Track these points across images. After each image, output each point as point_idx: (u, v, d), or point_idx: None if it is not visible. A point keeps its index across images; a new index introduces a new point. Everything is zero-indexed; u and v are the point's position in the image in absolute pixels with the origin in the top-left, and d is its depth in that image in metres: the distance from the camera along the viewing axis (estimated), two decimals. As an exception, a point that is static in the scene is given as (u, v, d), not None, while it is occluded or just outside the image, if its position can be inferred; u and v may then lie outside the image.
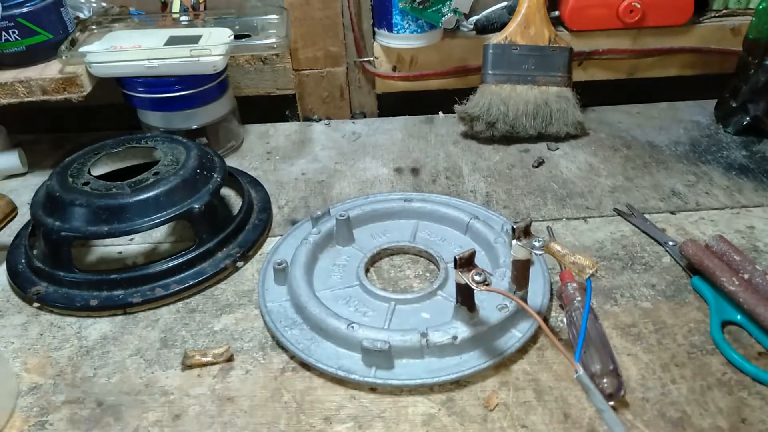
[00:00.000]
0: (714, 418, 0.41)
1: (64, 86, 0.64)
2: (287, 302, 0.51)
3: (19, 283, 0.55)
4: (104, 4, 0.77)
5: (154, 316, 0.52)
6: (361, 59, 0.80)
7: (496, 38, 0.72)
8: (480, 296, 0.46)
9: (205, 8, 0.77)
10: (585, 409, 0.42)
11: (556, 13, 0.78)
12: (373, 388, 0.44)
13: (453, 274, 0.50)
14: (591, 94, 0.76)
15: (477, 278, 0.41)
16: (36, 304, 0.53)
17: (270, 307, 0.51)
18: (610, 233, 0.58)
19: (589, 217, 0.61)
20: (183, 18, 0.75)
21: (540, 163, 0.70)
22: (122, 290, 0.53)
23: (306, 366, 0.46)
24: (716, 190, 0.64)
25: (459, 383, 0.44)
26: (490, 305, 0.47)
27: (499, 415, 0.42)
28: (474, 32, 0.79)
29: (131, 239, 0.61)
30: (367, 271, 0.54)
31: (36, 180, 0.71)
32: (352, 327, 0.46)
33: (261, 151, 0.75)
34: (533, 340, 0.47)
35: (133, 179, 0.55)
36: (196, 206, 0.55)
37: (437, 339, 0.45)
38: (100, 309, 0.52)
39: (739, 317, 0.47)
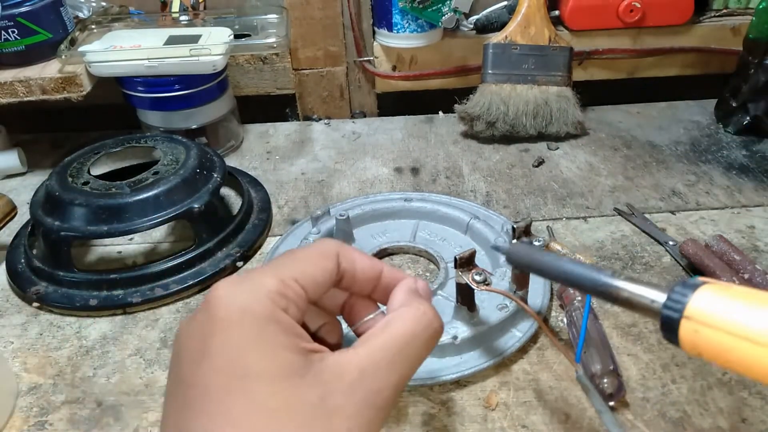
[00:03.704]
0: (714, 418, 0.41)
1: (63, 86, 0.64)
2: (287, 302, 0.51)
3: (18, 282, 0.55)
4: (104, 4, 0.76)
5: (154, 316, 0.52)
6: (361, 59, 0.80)
7: (496, 38, 0.72)
8: (480, 296, 0.46)
9: (204, 8, 0.77)
10: (585, 409, 0.42)
11: (556, 12, 0.78)
12: (373, 388, 0.44)
13: (453, 274, 0.50)
14: (591, 94, 0.76)
15: (477, 278, 0.41)
16: (35, 304, 0.53)
17: (270, 307, 0.51)
18: (611, 233, 0.58)
19: (590, 217, 0.61)
20: (183, 17, 0.75)
21: (540, 162, 0.70)
22: (122, 290, 0.53)
23: (306, 366, 0.46)
24: (716, 190, 0.64)
25: (459, 383, 0.44)
26: (490, 305, 0.47)
27: (499, 415, 0.42)
28: (474, 32, 0.79)
29: (131, 239, 0.61)
30: (367, 270, 0.54)
31: (35, 179, 0.71)
32: (352, 327, 0.46)
33: (261, 151, 0.75)
34: (533, 340, 0.47)
35: (133, 179, 0.55)
36: (196, 206, 0.55)
37: (437, 339, 0.45)
38: (99, 309, 0.52)
39: (739, 317, 0.47)
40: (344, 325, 0.35)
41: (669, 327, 0.25)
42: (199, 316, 0.28)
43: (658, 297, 0.26)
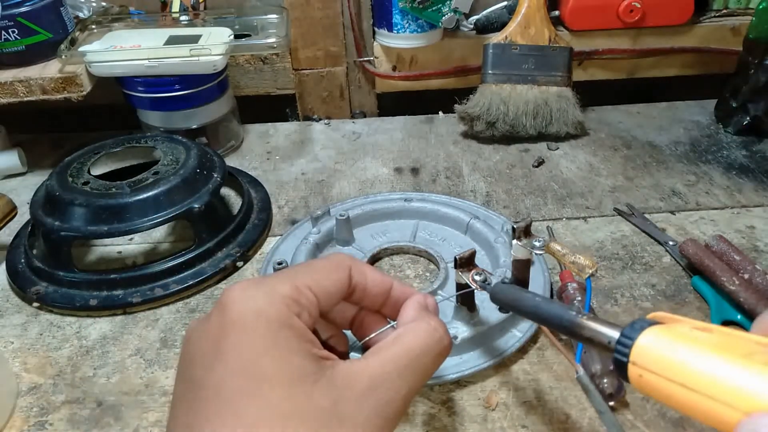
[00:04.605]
0: (714, 418, 0.41)
1: (63, 86, 0.64)
2: (287, 302, 0.51)
3: (18, 282, 0.55)
4: (104, 4, 0.76)
5: (154, 316, 0.52)
6: (361, 59, 0.80)
7: (496, 38, 0.72)
8: (480, 296, 0.46)
9: (205, 8, 0.77)
10: (585, 409, 0.42)
11: (556, 12, 0.78)
12: (373, 388, 0.44)
13: (453, 274, 0.50)
14: (591, 94, 0.76)
15: (477, 278, 0.41)
16: (36, 304, 0.53)
17: (270, 307, 0.51)
18: (610, 233, 0.58)
19: (589, 217, 0.61)
20: (183, 18, 0.75)
21: (540, 162, 0.70)
22: (122, 290, 0.53)
23: (306, 366, 0.46)
24: (716, 190, 0.64)
25: (459, 383, 0.44)
26: (490, 305, 0.47)
27: (499, 415, 0.42)
28: (474, 32, 0.79)
29: (131, 239, 0.61)
30: (367, 270, 0.54)
31: (35, 179, 0.71)
32: (352, 327, 0.46)
33: (261, 151, 0.75)
34: (533, 340, 0.47)
35: (133, 179, 0.55)
36: (196, 206, 0.55)
37: (437, 339, 0.45)
38: (99, 309, 0.52)
39: (739, 317, 0.47)
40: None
41: (620, 369, 0.25)
42: (213, 318, 0.29)
43: (614, 337, 0.26)
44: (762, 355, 0.21)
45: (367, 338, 0.34)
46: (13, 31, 0.63)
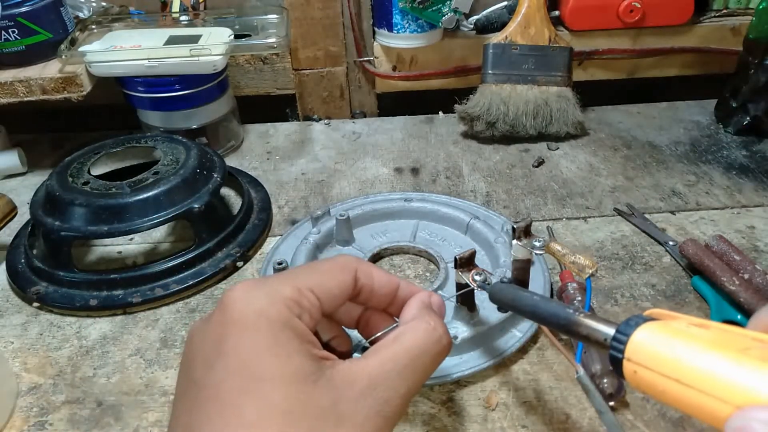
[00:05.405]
0: (714, 418, 0.41)
1: (63, 86, 0.64)
2: (287, 302, 0.51)
3: (18, 282, 0.55)
4: (104, 4, 0.76)
5: (154, 316, 0.52)
6: (361, 59, 0.80)
7: (496, 38, 0.72)
8: (480, 296, 0.46)
9: (205, 8, 0.77)
10: (585, 409, 0.42)
11: (556, 12, 0.78)
12: (373, 388, 0.44)
13: (453, 274, 0.50)
14: (591, 94, 0.76)
15: (477, 278, 0.41)
16: (36, 304, 0.53)
17: (270, 307, 0.51)
18: (610, 233, 0.58)
19: (589, 217, 0.61)
20: (183, 18, 0.75)
21: (540, 162, 0.70)
22: (122, 290, 0.53)
23: (306, 366, 0.46)
24: (716, 190, 0.64)
25: (459, 383, 0.44)
26: (490, 305, 0.47)
27: (499, 415, 0.42)
28: (474, 32, 0.79)
29: (131, 239, 0.61)
30: (367, 270, 0.54)
31: (35, 179, 0.71)
32: (352, 327, 0.46)
33: (261, 151, 0.75)
34: (533, 340, 0.47)
35: (133, 179, 0.55)
36: (196, 206, 0.55)
37: (437, 339, 0.45)
38: (99, 309, 0.52)
39: (739, 317, 0.47)
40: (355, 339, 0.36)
41: (616, 366, 0.25)
42: (214, 318, 0.29)
43: (609, 334, 0.26)
44: (757, 350, 0.21)
45: (373, 337, 0.34)
46: (13, 31, 0.63)
